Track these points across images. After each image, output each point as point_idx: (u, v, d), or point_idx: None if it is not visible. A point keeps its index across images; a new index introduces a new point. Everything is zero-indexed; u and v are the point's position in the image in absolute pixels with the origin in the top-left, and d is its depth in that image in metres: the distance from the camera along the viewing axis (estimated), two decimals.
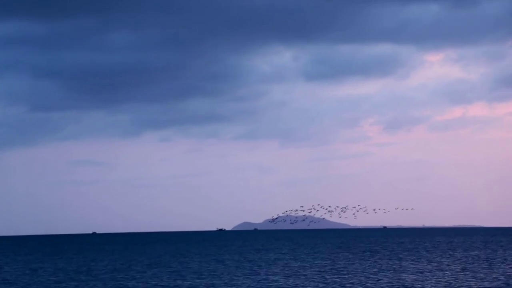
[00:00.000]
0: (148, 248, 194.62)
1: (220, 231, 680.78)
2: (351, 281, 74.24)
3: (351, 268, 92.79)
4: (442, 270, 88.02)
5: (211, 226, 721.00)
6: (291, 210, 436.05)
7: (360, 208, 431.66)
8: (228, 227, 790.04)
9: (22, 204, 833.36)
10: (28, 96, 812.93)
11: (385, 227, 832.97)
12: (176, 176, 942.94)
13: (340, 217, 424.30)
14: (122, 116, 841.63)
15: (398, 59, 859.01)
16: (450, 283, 71.31)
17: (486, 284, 70.57)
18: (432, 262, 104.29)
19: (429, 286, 69.41)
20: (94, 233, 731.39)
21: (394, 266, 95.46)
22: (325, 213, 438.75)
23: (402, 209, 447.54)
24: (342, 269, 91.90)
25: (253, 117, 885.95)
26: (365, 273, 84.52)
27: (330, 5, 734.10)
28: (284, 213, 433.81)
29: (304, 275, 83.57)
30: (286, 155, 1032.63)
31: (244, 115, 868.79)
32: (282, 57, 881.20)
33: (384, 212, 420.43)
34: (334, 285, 70.97)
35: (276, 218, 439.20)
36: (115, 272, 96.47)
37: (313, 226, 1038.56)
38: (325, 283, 73.67)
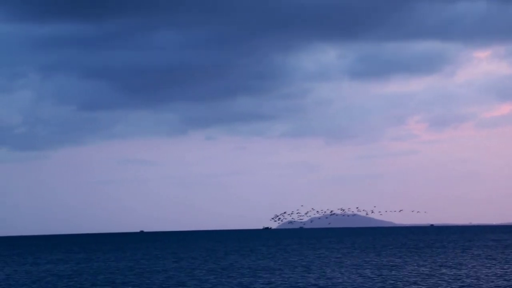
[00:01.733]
0: (220, 246, 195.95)
1: (266, 229, 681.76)
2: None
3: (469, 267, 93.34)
4: None
5: (257, 224, 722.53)
6: (293, 212, 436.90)
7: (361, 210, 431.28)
8: (273, 225, 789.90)
9: (70, 203, 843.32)
10: (76, 96, 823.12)
11: (432, 225, 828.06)
12: (221, 174, 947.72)
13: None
14: (169, 114, 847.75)
15: (445, 56, 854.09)
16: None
17: None
18: None
19: None
20: (141, 232, 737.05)
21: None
22: (324, 216, 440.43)
23: (417, 212, 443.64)
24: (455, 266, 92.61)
25: (298, 115, 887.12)
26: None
27: (376, 3, 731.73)
28: (286, 213, 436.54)
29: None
30: (332, 153, 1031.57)
31: (289, 113, 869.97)
32: (328, 55, 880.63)
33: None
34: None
35: (279, 217, 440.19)
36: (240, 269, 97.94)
37: (358, 224, 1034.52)
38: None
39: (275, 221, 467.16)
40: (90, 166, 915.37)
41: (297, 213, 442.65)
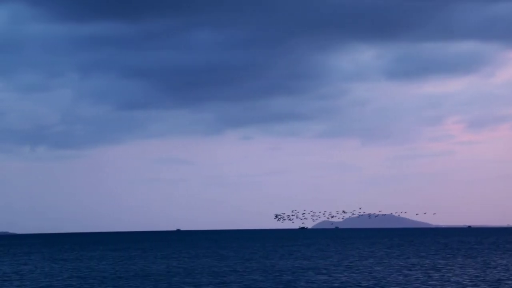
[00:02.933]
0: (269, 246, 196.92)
1: (302, 229, 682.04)
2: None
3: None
4: None
5: (292, 224, 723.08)
6: (296, 211, 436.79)
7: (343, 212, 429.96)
8: (308, 225, 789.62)
9: (107, 201, 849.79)
10: (114, 95, 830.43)
11: (469, 227, 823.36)
12: (257, 174, 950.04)
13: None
14: (205, 114, 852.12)
15: (484, 57, 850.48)
16: None
17: None
18: None
19: None
20: (178, 230, 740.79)
21: None
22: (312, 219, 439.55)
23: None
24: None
25: (334, 115, 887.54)
26: None
27: (414, 3, 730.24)
28: (286, 213, 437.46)
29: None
30: (368, 153, 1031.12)
31: (325, 113, 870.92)
32: (365, 55, 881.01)
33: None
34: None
35: (281, 216, 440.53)
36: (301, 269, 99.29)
37: (392, 225, 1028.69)
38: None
39: (278, 220, 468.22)
40: (127, 165, 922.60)
41: (297, 213, 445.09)
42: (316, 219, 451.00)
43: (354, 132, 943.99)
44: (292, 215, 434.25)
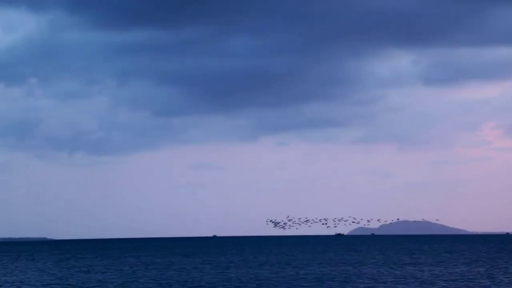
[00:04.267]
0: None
1: (339, 235, 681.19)
2: None
3: None
4: None
5: (329, 230, 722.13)
6: (294, 217, 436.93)
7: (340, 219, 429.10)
8: (344, 231, 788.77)
9: (143, 207, 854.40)
10: (151, 102, 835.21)
11: (507, 233, 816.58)
12: (293, 179, 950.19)
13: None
14: (241, 120, 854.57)
15: None
16: None
17: None
18: None
19: None
20: (214, 236, 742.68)
21: None
22: (308, 224, 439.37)
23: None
24: None
25: (370, 121, 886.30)
26: None
27: (451, 8, 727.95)
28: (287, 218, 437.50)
29: None
30: (404, 159, 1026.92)
31: (361, 119, 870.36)
32: (401, 61, 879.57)
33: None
34: None
35: (279, 223, 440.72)
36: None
37: (429, 231, 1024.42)
38: None
39: (274, 226, 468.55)
40: (164, 171, 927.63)
41: (292, 220, 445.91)
42: (310, 225, 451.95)
43: (390, 138, 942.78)
44: (287, 221, 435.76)
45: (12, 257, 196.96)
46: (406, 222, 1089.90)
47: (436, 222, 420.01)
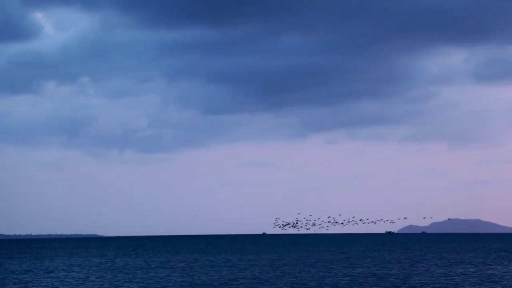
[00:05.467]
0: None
1: (389, 233, 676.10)
2: None
3: None
4: None
5: (379, 228, 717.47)
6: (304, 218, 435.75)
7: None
8: (394, 229, 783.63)
9: (193, 205, 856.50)
10: (200, 100, 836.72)
11: None
12: (342, 178, 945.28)
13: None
14: (290, 118, 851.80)
15: None
16: None
17: None
18: None
19: None
20: (264, 234, 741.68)
21: None
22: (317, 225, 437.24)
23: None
24: None
25: (421, 119, 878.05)
26: None
27: (503, 5, 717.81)
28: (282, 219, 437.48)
29: None
30: (455, 157, 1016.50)
31: (412, 117, 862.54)
32: (453, 58, 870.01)
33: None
34: None
35: (286, 224, 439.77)
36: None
37: (481, 230, 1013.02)
38: None
39: (279, 226, 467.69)
40: (213, 169, 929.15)
41: (299, 220, 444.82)
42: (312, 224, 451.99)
43: (441, 136, 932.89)
44: (296, 221, 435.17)
45: (67, 253, 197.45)
46: (457, 220, 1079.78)
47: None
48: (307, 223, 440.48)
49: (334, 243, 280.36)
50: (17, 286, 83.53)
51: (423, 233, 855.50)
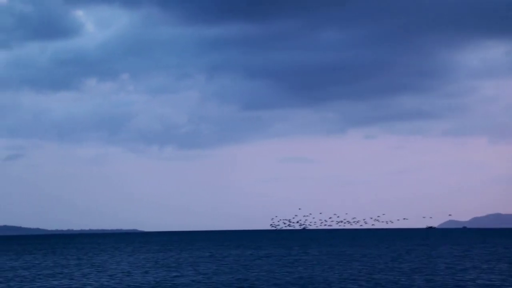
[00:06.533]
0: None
1: (430, 228, 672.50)
2: None
3: None
4: None
5: (419, 223, 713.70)
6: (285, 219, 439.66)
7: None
8: (434, 224, 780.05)
9: (232, 200, 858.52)
10: (239, 96, 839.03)
11: None
12: (381, 173, 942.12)
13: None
14: (328, 113, 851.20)
15: None
16: None
17: None
18: None
19: None
20: (304, 229, 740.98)
21: None
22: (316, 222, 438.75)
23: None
24: None
25: (461, 113, 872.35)
26: None
27: None
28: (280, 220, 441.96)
29: None
30: (496, 151, 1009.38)
31: (452, 111, 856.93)
32: (494, 52, 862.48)
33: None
34: None
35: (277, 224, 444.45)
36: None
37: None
38: None
39: (274, 227, 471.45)
40: (252, 164, 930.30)
41: (298, 219, 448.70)
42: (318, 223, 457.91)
43: (481, 130, 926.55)
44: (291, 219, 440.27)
45: (110, 247, 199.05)
46: (497, 215, 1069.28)
47: None
48: (307, 222, 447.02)
49: (376, 238, 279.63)
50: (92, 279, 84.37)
51: (464, 228, 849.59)
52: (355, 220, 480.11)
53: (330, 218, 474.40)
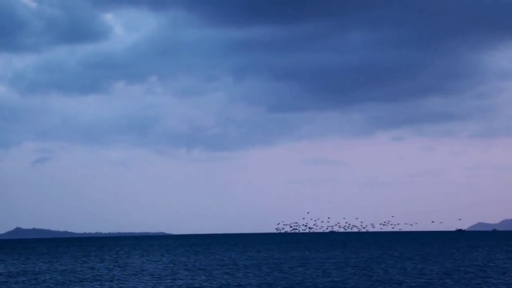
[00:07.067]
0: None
1: (459, 231, 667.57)
2: None
3: None
4: None
5: (449, 226, 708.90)
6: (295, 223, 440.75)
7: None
8: (464, 227, 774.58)
9: (259, 202, 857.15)
10: (267, 97, 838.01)
11: None
12: (409, 174, 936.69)
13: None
14: (356, 115, 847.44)
15: None
16: None
17: None
18: None
19: None
20: (332, 232, 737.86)
21: None
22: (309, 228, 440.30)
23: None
24: None
25: (490, 114, 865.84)
26: None
27: None
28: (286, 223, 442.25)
29: None
30: None
31: (481, 112, 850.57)
32: None
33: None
34: None
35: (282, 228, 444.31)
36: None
37: None
38: None
39: (278, 230, 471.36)
40: (279, 166, 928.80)
41: (306, 224, 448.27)
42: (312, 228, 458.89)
43: (510, 131, 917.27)
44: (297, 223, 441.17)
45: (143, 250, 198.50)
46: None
47: None
48: (310, 225, 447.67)
49: (405, 241, 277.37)
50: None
51: (494, 230, 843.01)
52: (363, 224, 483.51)
53: (338, 223, 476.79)
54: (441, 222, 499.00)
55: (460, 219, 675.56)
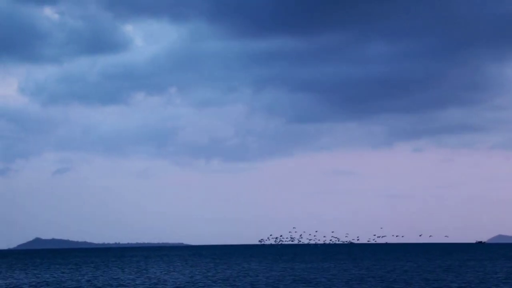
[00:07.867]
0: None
1: (480, 243, 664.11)
2: None
3: None
4: None
5: (466, 238, 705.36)
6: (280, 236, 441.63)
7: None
8: (484, 239, 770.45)
9: (278, 214, 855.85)
10: (286, 109, 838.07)
11: None
12: (429, 186, 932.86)
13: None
14: (375, 127, 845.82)
15: None
16: None
17: None
18: None
19: None
20: (350, 243, 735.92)
21: None
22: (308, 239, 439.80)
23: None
24: None
25: (510, 126, 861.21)
26: None
27: None
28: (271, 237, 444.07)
29: None
30: None
31: (501, 124, 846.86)
32: None
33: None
34: None
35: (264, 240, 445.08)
36: None
37: None
38: None
39: (262, 242, 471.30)
40: (298, 177, 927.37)
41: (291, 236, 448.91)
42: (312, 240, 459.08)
43: None
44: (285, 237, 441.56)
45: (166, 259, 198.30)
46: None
47: None
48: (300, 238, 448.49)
49: (424, 253, 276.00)
50: None
51: None
52: (354, 238, 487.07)
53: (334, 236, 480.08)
54: (446, 236, 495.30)
55: (480, 232, 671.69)
